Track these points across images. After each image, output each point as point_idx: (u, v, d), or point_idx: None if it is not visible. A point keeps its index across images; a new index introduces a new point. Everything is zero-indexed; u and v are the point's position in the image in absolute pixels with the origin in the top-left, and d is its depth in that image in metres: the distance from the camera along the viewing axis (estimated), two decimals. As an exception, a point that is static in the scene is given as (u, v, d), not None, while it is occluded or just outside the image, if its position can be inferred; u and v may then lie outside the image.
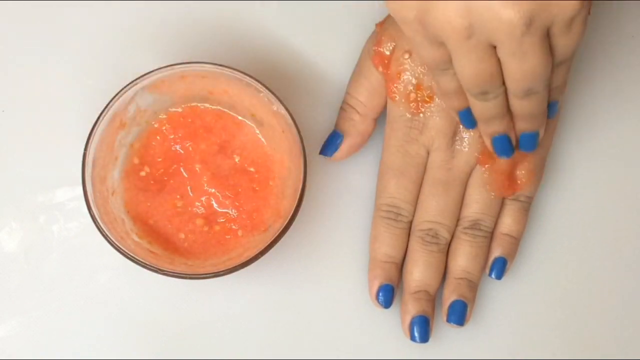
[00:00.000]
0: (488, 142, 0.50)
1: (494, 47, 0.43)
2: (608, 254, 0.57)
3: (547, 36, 0.43)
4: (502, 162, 0.52)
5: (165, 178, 0.53)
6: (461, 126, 0.52)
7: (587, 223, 0.57)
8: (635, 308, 0.56)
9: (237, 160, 0.53)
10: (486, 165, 0.52)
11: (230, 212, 0.53)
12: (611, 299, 0.56)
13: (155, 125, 0.53)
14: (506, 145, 0.50)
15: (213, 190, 0.53)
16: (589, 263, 0.56)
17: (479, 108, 0.47)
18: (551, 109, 0.49)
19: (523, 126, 0.49)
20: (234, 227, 0.52)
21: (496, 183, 0.53)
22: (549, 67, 0.44)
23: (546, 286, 0.56)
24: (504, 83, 0.45)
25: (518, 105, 0.46)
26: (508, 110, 0.47)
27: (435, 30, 0.43)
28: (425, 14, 0.43)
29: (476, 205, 0.53)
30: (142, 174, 0.53)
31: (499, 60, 0.44)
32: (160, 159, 0.53)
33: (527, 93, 0.45)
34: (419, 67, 0.52)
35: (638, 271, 0.57)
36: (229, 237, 0.52)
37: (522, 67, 0.43)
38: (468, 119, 0.49)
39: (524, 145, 0.50)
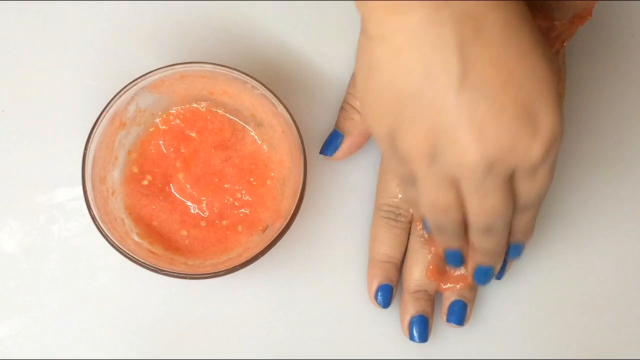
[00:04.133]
0: (440, 250, 0.48)
1: (457, 179, 0.41)
2: (608, 254, 0.56)
3: (511, 179, 0.41)
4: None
5: (166, 177, 0.53)
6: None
7: (587, 223, 0.57)
8: (635, 308, 0.56)
9: (236, 160, 0.53)
10: None
11: (229, 211, 0.53)
12: (611, 298, 0.56)
13: (155, 126, 0.53)
14: (457, 260, 0.48)
15: (212, 189, 0.53)
16: (589, 263, 0.56)
17: (435, 233, 0.46)
18: (514, 250, 0.48)
19: (479, 259, 0.47)
20: (233, 225, 0.52)
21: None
22: (509, 209, 0.43)
23: (546, 286, 0.56)
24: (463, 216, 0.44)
25: (476, 239, 0.45)
26: (464, 236, 0.46)
27: (402, 151, 0.41)
28: (395, 132, 0.41)
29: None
30: (145, 182, 0.53)
31: (458, 194, 0.42)
32: (160, 159, 0.53)
33: (486, 230, 0.44)
34: None
35: (638, 271, 0.57)
36: (228, 232, 0.52)
37: (482, 205, 0.42)
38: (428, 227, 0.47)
39: (477, 278, 0.49)
